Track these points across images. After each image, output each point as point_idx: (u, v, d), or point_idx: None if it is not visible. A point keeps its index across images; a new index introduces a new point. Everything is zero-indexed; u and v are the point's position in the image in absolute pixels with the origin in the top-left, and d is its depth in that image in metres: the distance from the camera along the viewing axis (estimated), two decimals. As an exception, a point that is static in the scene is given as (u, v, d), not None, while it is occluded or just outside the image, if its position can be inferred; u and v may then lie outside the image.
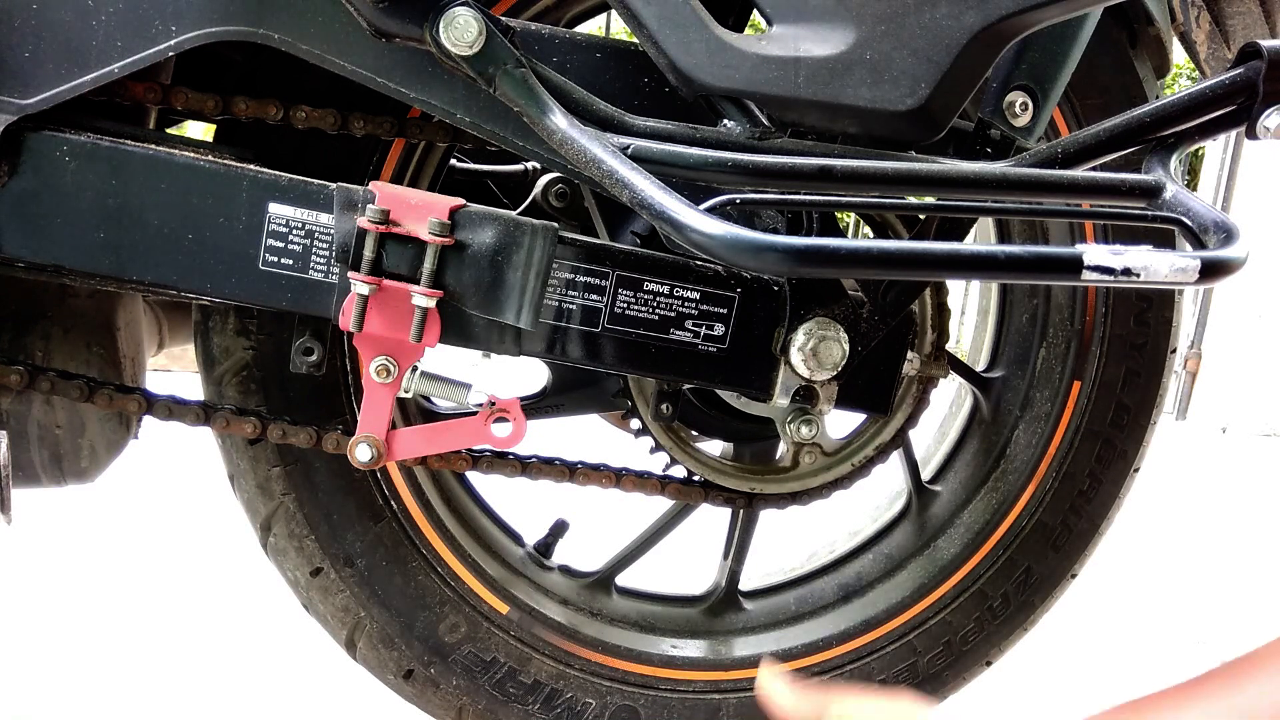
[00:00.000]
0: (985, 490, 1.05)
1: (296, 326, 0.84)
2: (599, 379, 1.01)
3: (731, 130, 0.68)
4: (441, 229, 0.69)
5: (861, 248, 0.54)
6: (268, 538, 0.90)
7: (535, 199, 0.95)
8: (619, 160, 0.61)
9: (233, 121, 0.78)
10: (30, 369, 0.80)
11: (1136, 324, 0.98)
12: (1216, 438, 5.48)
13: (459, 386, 0.80)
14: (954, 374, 1.04)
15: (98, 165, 0.69)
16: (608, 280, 0.76)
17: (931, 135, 0.69)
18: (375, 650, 0.93)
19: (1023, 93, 0.74)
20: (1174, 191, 0.62)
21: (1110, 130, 0.69)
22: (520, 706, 0.95)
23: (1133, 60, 0.92)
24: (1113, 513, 1.03)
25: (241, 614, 1.60)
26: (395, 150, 0.83)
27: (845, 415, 0.88)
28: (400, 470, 0.91)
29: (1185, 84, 2.50)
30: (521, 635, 0.95)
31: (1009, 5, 0.63)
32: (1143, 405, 1.00)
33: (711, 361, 0.78)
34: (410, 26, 0.65)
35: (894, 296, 0.79)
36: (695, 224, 0.55)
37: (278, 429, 0.82)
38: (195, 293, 0.74)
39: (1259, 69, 0.65)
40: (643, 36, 0.66)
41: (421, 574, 0.92)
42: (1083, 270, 0.52)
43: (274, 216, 0.71)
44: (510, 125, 0.72)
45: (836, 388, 0.81)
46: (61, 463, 0.89)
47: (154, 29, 0.68)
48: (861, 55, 0.64)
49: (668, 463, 0.95)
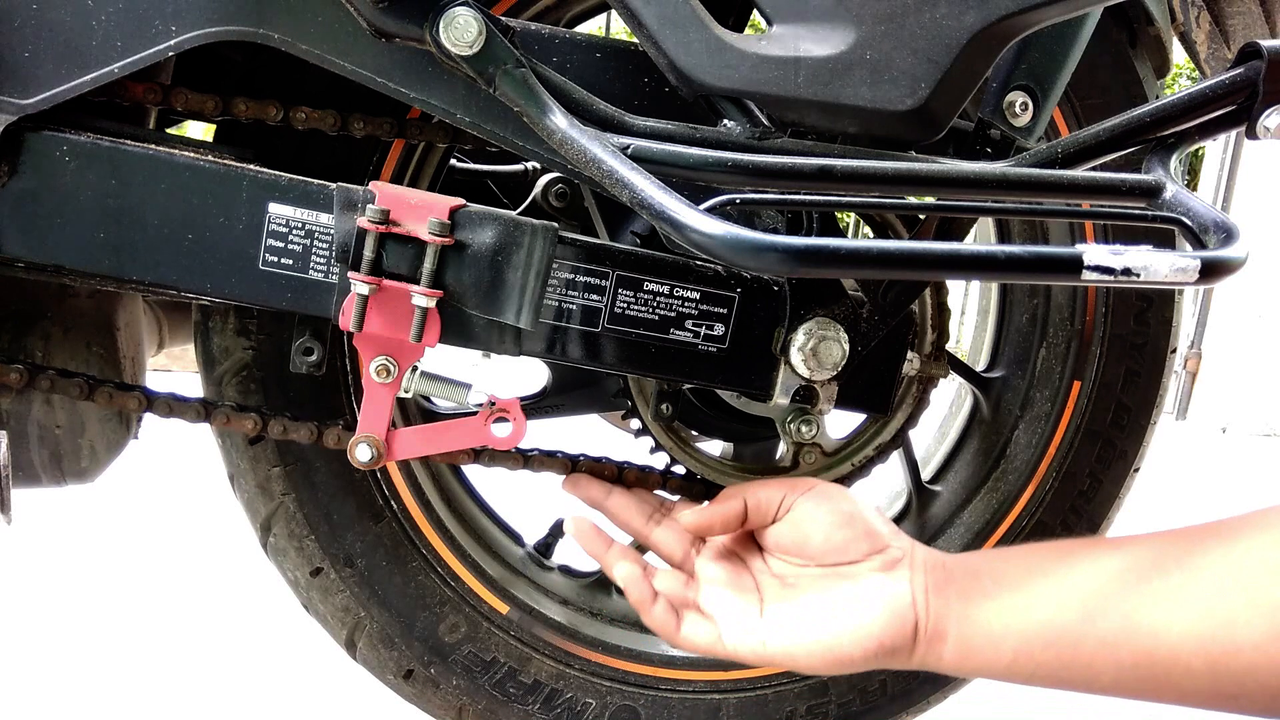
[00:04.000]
0: (985, 490, 1.05)
1: (296, 326, 0.84)
2: (599, 379, 1.01)
3: (731, 130, 0.68)
4: (441, 229, 0.69)
5: (861, 248, 0.54)
6: (268, 538, 0.90)
7: (535, 199, 0.95)
8: (619, 160, 0.61)
9: (233, 122, 0.78)
10: (30, 368, 0.80)
11: (1136, 324, 0.98)
12: (1216, 438, 5.49)
13: (459, 386, 0.80)
14: (954, 374, 1.04)
15: (98, 165, 0.69)
16: (608, 280, 0.76)
17: (931, 135, 0.69)
18: (375, 650, 0.93)
19: (1023, 93, 0.74)
20: (1174, 191, 0.62)
21: (1110, 130, 0.70)
22: (520, 706, 0.95)
23: (1133, 60, 0.92)
24: (1113, 513, 1.03)
25: (241, 614, 1.60)
26: (395, 150, 0.83)
27: (845, 415, 0.88)
28: (400, 470, 0.91)
29: (1185, 84, 2.50)
30: (521, 635, 0.95)
31: (1009, 5, 0.63)
32: (1143, 405, 1.00)
33: (711, 361, 0.78)
34: (410, 26, 0.65)
35: (894, 296, 0.79)
36: (695, 224, 0.55)
37: (278, 425, 0.82)
38: (195, 293, 0.74)
39: (1259, 69, 0.65)
40: (643, 36, 0.67)
41: (421, 574, 0.92)
42: (1083, 270, 0.52)
43: (274, 216, 0.71)
44: (510, 125, 0.72)
45: (836, 388, 0.81)
46: (61, 463, 0.89)
47: (154, 29, 0.68)
48: (861, 55, 0.64)
49: (668, 462, 0.95)
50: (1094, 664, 0.63)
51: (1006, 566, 0.70)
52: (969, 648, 0.67)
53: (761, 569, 0.77)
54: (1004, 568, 0.70)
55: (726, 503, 0.77)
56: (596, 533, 0.81)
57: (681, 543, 0.81)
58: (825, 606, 0.71)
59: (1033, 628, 0.65)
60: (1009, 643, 0.66)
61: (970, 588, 0.69)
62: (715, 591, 0.76)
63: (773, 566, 0.76)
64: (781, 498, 0.75)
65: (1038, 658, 0.65)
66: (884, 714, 1.01)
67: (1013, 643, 0.66)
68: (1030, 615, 0.65)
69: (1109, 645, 0.62)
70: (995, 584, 0.68)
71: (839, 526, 0.72)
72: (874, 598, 0.70)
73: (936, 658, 0.69)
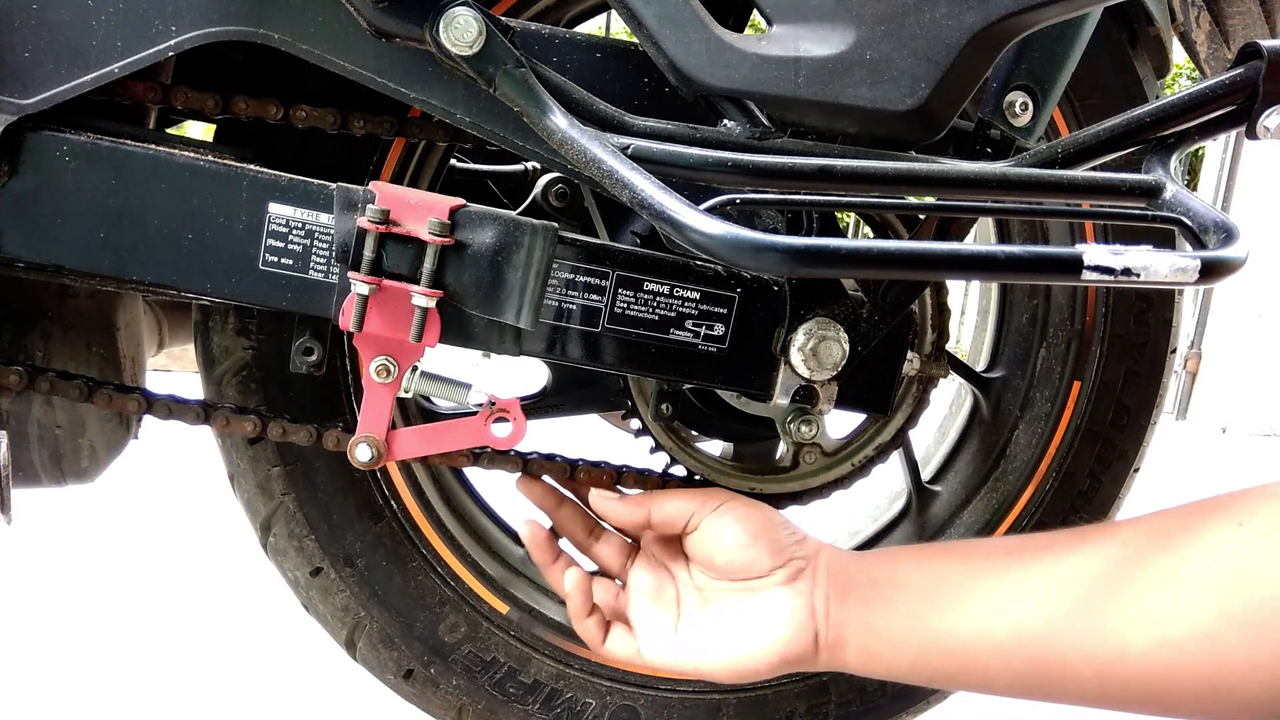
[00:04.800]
0: (985, 490, 1.05)
1: (296, 326, 0.84)
2: (599, 379, 1.01)
3: (731, 130, 0.68)
4: (441, 229, 0.69)
5: (861, 248, 0.54)
6: (268, 538, 0.90)
7: (535, 199, 0.95)
8: (619, 160, 0.61)
9: (233, 121, 0.78)
10: (30, 369, 0.80)
11: (1136, 324, 0.98)
12: (1216, 438, 5.49)
13: (459, 386, 0.80)
14: (954, 374, 1.04)
15: (98, 165, 0.69)
16: (608, 280, 0.76)
17: (931, 135, 0.69)
18: (375, 650, 0.93)
19: (1023, 93, 0.74)
20: (1174, 191, 0.62)
21: (1110, 130, 0.69)
22: (520, 706, 0.95)
23: (1133, 60, 0.92)
24: (1113, 513, 1.02)
25: (241, 614, 1.60)
26: (395, 150, 0.83)
27: (845, 415, 0.88)
28: (400, 470, 0.91)
29: (1185, 84, 2.50)
30: (521, 635, 0.95)
31: (1009, 5, 0.63)
32: (1143, 405, 0.99)
33: (711, 361, 0.78)
34: (410, 26, 0.65)
35: (894, 296, 0.79)
36: (695, 224, 0.55)
37: (278, 427, 0.82)
38: (195, 293, 0.74)
39: (1259, 69, 0.65)
40: (643, 36, 0.66)
41: (421, 574, 0.92)
42: (1083, 270, 0.52)
43: (274, 216, 0.71)
44: (510, 125, 0.72)
45: (836, 388, 0.81)
46: (61, 463, 0.89)
47: (154, 29, 0.68)
48: (861, 55, 0.64)
49: (668, 463, 0.95)
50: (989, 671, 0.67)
51: (908, 573, 0.73)
52: (870, 653, 0.72)
53: (684, 579, 0.81)
54: (905, 574, 0.73)
55: (631, 506, 0.81)
56: (548, 543, 0.83)
57: (619, 555, 0.84)
58: (732, 622, 0.76)
59: (931, 637, 0.69)
60: (909, 650, 0.70)
61: (870, 595, 0.73)
62: (640, 602, 0.80)
63: (694, 576, 0.80)
64: (690, 515, 0.79)
65: (935, 664, 0.69)
66: (884, 714, 1.01)
67: (912, 650, 0.70)
68: (927, 625, 0.69)
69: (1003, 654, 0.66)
70: (897, 590, 0.72)
71: (743, 547, 0.76)
72: (776, 613, 0.74)
73: (840, 662, 0.73)
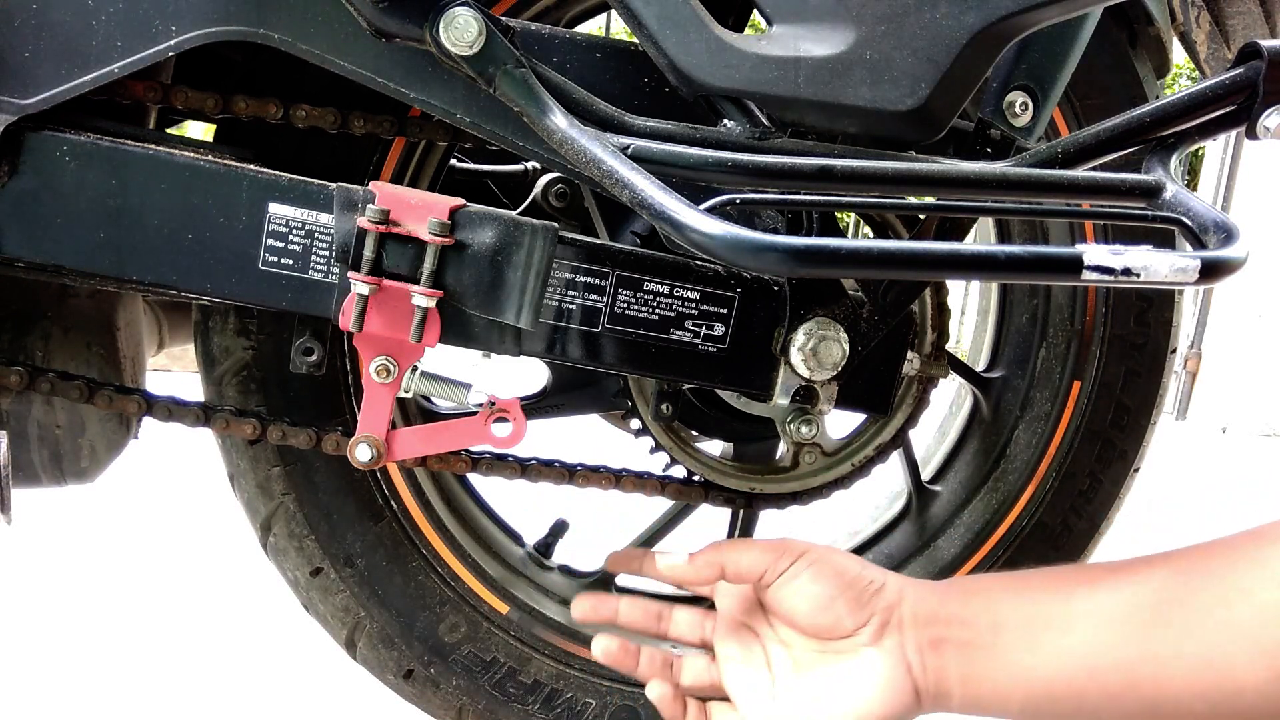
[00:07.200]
0: (985, 490, 1.05)
1: (296, 326, 0.84)
2: (599, 379, 1.01)
3: (731, 130, 0.68)
4: (441, 229, 0.69)
5: (861, 248, 0.54)
6: (268, 538, 0.90)
7: (535, 199, 0.95)
8: (619, 160, 0.60)
9: (233, 121, 0.78)
10: (30, 369, 0.80)
11: (1136, 324, 0.98)
12: (1216, 438, 5.48)
13: (459, 386, 0.80)
14: (954, 374, 1.04)
15: (98, 165, 0.69)
16: (608, 280, 0.76)
17: (932, 135, 0.69)
18: (375, 650, 0.93)
19: (1023, 93, 0.74)
20: (1174, 191, 0.62)
21: (1110, 130, 0.69)
22: (520, 706, 0.95)
23: (1133, 60, 0.92)
24: (1113, 513, 1.02)
25: (242, 614, 1.60)
26: (395, 150, 0.83)
27: (845, 415, 0.88)
28: (400, 470, 0.91)
29: (1185, 84, 2.50)
30: (521, 635, 0.95)
31: (1009, 5, 0.63)
32: (1143, 405, 0.99)
33: (711, 361, 0.78)
34: (410, 26, 0.65)
35: (894, 296, 0.79)
36: (695, 224, 0.55)
37: (277, 430, 0.82)
38: (195, 293, 0.74)
39: (1259, 69, 0.65)
40: (643, 36, 0.66)
41: (421, 574, 0.92)
42: (1083, 270, 0.52)
43: (274, 216, 0.71)
44: (510, 125, 0.72)
45: (836, 388, 0.81)
46: (61, 463, 0.89)
47: (154, 29, 0.68)
48: (861, 55, 0.64)
49: (668, 463, 0.95)
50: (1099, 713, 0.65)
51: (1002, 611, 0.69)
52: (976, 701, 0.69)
53: (769, 635, 0.77)
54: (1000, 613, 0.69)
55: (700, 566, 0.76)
56: (624, 651, 0.79)
57: (695, 624, 0.80)
58: (828, 686, 0.72)
59: (1038, 685, 0.66)
60: (1016, 696, 0.67)
61: (969, 641, 0.69)
62: (732, 671, 0.76)
63: (779, 630, 0.76)
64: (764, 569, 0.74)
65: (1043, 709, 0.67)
66: None
67: (1020, 696, 0.67)
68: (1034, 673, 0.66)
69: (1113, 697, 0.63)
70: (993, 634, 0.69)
71: (822, 610, 0.72)
72: (870, 675, 0.71)
73: (945, 708, 0.70)
